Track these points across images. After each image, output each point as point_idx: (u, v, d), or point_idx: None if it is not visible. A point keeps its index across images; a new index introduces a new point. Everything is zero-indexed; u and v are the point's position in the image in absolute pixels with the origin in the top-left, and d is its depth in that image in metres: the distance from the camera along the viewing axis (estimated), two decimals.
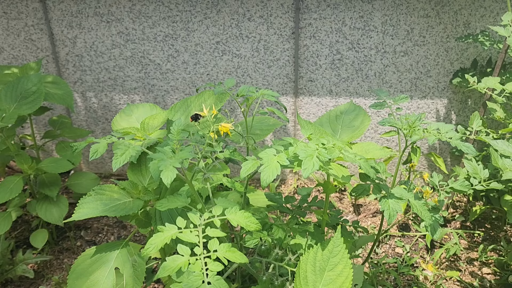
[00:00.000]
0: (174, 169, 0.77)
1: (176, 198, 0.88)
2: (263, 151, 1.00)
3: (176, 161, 0.79)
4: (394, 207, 1.16)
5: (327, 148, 0.96)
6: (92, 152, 0.84)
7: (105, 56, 2.39)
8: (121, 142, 0.86)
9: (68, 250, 2.08)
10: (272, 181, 0.94)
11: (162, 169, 0.77)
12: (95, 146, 0.85)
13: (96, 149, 0.85)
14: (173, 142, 0.88)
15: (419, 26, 2.13)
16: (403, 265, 1.91)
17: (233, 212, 0.83)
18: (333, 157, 0.93)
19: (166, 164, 0.78)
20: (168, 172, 0.76)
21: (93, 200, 1.16)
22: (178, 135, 0.89)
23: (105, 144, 0.86)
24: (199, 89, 1.19)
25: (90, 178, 2.02)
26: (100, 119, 2.56)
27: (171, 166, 0.77)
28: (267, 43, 2.25)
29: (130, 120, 1.50)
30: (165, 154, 0.82)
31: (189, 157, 0.82)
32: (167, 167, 0.77)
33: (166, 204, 0.87)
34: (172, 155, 0.84)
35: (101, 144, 0.85)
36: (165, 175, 0.76)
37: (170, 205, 0.87)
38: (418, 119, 1.21)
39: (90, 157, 0.85)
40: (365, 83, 2.28)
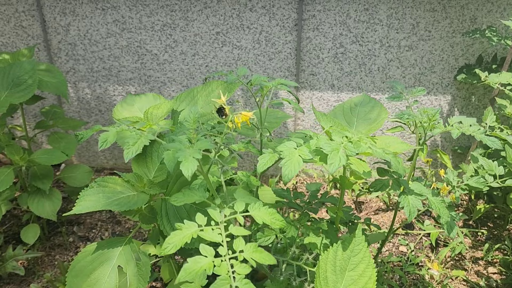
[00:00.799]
0: (194, 160, 0.70)
1: (192, 192, 0.81)
2: (282, 144, 0.94)
3: (197, 152, 0.72)
4: (414, 203, 1.11)
5: (352, 141, 0.90)
6: (102, 141, 0.77)
7: (100, 45, 2.29)
8: (133, 131, 0.79)
9: (60, 246, 1.99)
10: (294, 176, 0.88)
11: (181, 160, 0.70)
12: (105, 134, 0.78)
13: (105, 138, 0.77)
14: (189, 131, 0.81)
15: (425, 20, 2.09)
16: (408, 264, 1.87)
17: (256, 208, 0.77)
18: (361, 151, 0.88)
19: (186, 155, 0.71)
20: (189, 163, 0.69)
21: (95, 193, 1.08)
22: (195, 124, 0.82)
23: (115, 133, 0.78)
24: (208, 77, 1.12)
25: (84, 171, 1.94)
26: (93, 110, 2.47)
27: (191, 157, 0.70)
28: (268, 34, 2.18)
29: (132, 110, 1.42)
30: (182, 144, 0.76)
31: (209, 148, 0.76)
32: (187, 158, 0.70)
33: (182, 199, 0.80)
34: (190, 145, 0.77)
35: (111, 133, 0.78)
36: (186, 166, 0.69)
37: (187, 199, 0.80)
38: (437, 112, 1.16)
39: (99, 146, 0.77)
40: (368, 77, 2.23)
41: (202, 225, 0.72)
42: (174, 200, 0.80)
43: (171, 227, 1.08)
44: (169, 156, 0.78)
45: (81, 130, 2.51)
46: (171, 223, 1.09)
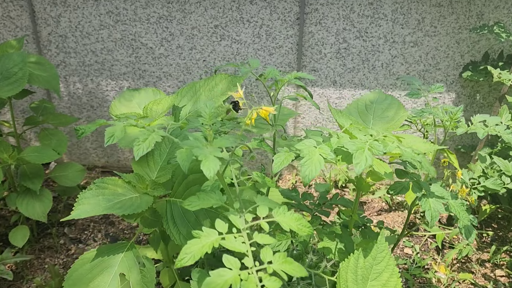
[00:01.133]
0: (216, 159, 0.62)
1: (208, 195, 0.73)
2: (301, 142, 0.86)
3: (217, 150, 0.64)
4: (436, 207, 1.04)
5: (378, 140, 0.83)
6: (108, 136, 0.69)
7: (92, 37, 2.19)
8: (142, 127, 0.70)
9: (50, 249, 1.89)
10: (314, 177, 0.81)
11: (201, 159, 0.62)
12: (111, 129, 0.69)
13: (112, 133, 0.69)
14: (205, 128, 0.73)
15: (431, 15, 2.03)
16: (414, 267, 1.81)
17: (281, 213, 0.69)
18: (388, 150, 0.80)
19: (205, 154, 0.63)
20: (209, 162, 0.62)
21: (94, 195, 0.99)
22: (211, 120, 0.74)
23: (123, 128, 0.70)
24: (217, 69, 1.04)
25: (76, 169, 1.84)
26: (85, 106, 2.36)
27: (212, 156, 0.62)
28: (269, 28, 2.11)
29: (131, 105, 1.33)
30: (199, 141, 0.68)
31: (229, 145, 0.68)
32: (207, 157, 0.62)
33: (197, 203, 0.72)
34: (206, 143, 0.69)
35: (118, 127, 0.70)
36: (207, 166, 0.61)
37: (202, 204, 0.72)
38: (459, 110, 1.10)
39: (105, 142, 0.69)
40: (371, 74, 2.17)
41: (223, 232, 0.64)
42: (188, 205, 0.72)
43: (177, 232, 1.00)
44: (182, 154, 0.70)
45: (72, 126, 2.40)
46: (178, 227, 1.01)
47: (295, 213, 0.69)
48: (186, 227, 1.01)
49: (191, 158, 0.70)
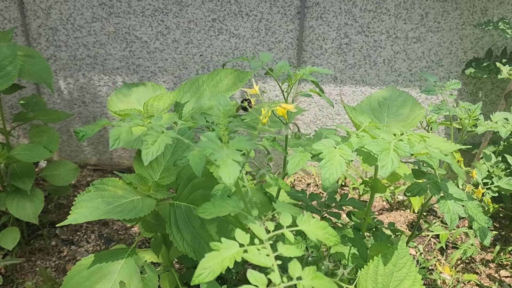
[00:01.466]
0: (235, 164, 0.56)
1: (225, 202, 0.67)
2: (319, 142, 0.80)
3: (235, 153, 0.58)
4: (455, 209, 0.99)
5: (403, 139, 0.77)
6: (113, 138, 0.62)
7: (84, 30, 2.10)
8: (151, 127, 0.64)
9: (41, 251, 1.81)
10: (336, 180, 0.75)
11: (219, 164, 0.56)
12: (116, 131, 0.62)
13: (117, 135, 0.62)
14: (219, 128, 0.67)
15: (434, 10, 1.98)
16: (418, 268, 1.77)
17: (306, 221, 0.63)
18: (415, 151, 0.75)
19: (223, 157, 0.57)
20: (229, 168, 0.55)
21: (93, 198, 0.92)
22: (226, 118, 0.67)
23: (129, 129, 0.63)
24: (226, 63, 0.98)
25: (69, 168, 1.76)
26: (76, 102, 2.27)
27: (231, 160, 0.56)
28: (269, 22, 2.04)
29: (129, 101, 1.26)
30: (214, 143, 0.61)
31: (248, 148, 0.61)
32: (226, 161, 0.56)
33: (212, 210, 0.65)
34: (222, 145, 0.63)
35: (123, 129, 0.63)
36: (226, 172, 0.55)
37: (218, 211, 0.65)
38: (478, 107, 1.05)
39: (110, 145, 0.62)
40: (372, 70, 2.12)
41: (244, 244, 0.58)
42: (202, 212, 0.66)
43: (181, 238, 0.94)
44: (195, 157, 0.63)
45: (64, 123, 2.32)
46: (182, 233, 0.94)
47: (320, 220, 0.63)
48: (191, 233, 0.95)
49: (204, 161, 0.64)
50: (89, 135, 0.68)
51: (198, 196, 0.96)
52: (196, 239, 0.94)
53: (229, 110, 0.68)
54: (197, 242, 0.94)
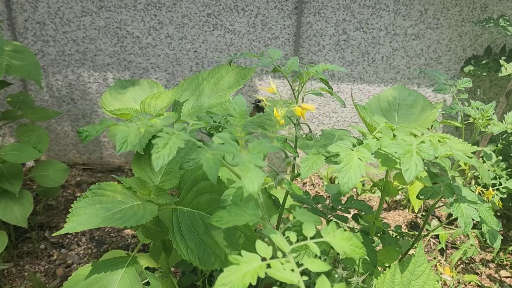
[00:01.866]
0: (259, 170, 0.51)
1: (241, 210, 0.62)
2: (335, 144, 0.76)
3: (257, 158, 0.53)
4: (469, 213, 0.96)
5: (425, 141, 0.73)
6: (120, 141, 0.56)
7: (73, 25, 2.02)
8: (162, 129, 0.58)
9: (30, 255, 1.74)
10: (355, 185, 0.70)
11: (241, 170, 0.51)
12: (123, 133, 0.56)
13: (125, 138, 0.56)
14: (235, 129, 0.61)
15: (434, 7, 1.95)
16: None
17: (331, 231, 0.58)
18: (439, 154, 0.71)
19: (245, 163, 0.51)
20: (252, 174, 0.50)
21: (91, 204, 0.86)
22: (243, 119, 0.62)
23: (137, 131, 0.58)
24: (232, 60, 0.92)
25: (59, 168, 1.68)
26: (65, 99, 2.19)
27: (253, 166, 0.51)
28: (265, 18, 1.99)
29: (124, 99, 1.20)
30: (233, 146, 0.56)
31: (270, 151, 0.56)
32: (248, 167, 0.51)
33: (228, 219, 0.60)
34: (238, 146, 0.57)
35: (132, 130, 0.57)
36: (249, 178, 0.50)
37: (235, 220, 0.60)
38: (491, 107, 1.01)
39: (118, 149, 0.56)
40: (371, 67, 2.08)
41: (266, 257, 0.53)
42: (217, 221, 0.60)
43: (185, 245, 0.88)
44: (209, 162, 0.58)
45: (52, 121, 2.23)
46: (185, 240, 0.89)
47: (344, 231, 0.58)
48: (195, 239, 0.90)
49: (220, 165, 0.59)
50: (93, 136, 0.62)
51: (203, 201, 0.91)
52: (201, 246, 0.89)
53: (246, 110, 0.62)
54: (202, 249, 0.88)
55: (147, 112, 1.13)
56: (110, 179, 2.25)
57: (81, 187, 2.19)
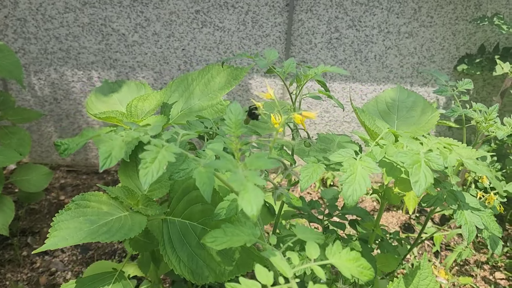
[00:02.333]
0: (258, 190, 0.45)
1: (238, 229, 0.56)
2: (336, 153, 0.71)
3: (255, 175, 0.48)
4: (472, 221, 0.92)
5: (432, 149, 0.68)
6: (104, 156, 0.50)
7: (56, 21, 1.94)
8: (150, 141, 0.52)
9: (12, 262, 1.66)
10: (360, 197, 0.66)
11: (241, 190, 0.45)
12: (107, 146, 0.50)
13: (109, 152, 0.50)
14: (231, 141, 0.56)
15: (428, 4, 1.91)
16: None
17: (336, 252, 0.53)
18: (449, 164, 0.66)
19: (242, 180, 0.46)
20: (250, 195, 0.45)
21: (74, 217, 0.80)
22: (238, 129, 0.57)
23: (122, 144, 0.52)
24: (224, 62, 0.87)
25: (42, 172, 1.61)
26: (47, 98, 2.11)
27: (252, 185, 0.46)
28: (256, 15, 1.93)
29: (110, 101, 1.13)
30: (228, 161, 0.50)
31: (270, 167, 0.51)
32: (246, 186, 0.45)
33: (223, 239, 0.55)
34: (234, 161, 0.52)
35: (116, 143, 0.51)
36: (247, 200, 0.44)
37: (232, 241, 0.54)
38: (495, 109, 0.97)
39: (101, 165, 0.50)
40: (363, 66, 2.04)
41: (267, 285, 0.47)
42: (212, 241, 0.55)
43: (177, 258, 0.83)
44: (202, 177, 0.53)
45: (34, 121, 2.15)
46: (177, 253, 0.83)
47: (351, 251, 0.54)
48: (187, 251, 0.84)
49: (214, 180, 0.54)
50: (73, 149, 0.56)
51: (195, 211, 0.85)
52: (193, 259, 0.83)
53: (242, 119, 0.57)
54: (195, 262, 0.83)
55: (134, 115, 1.07)
56: (95, 181, 2.19)
57: (65, 190, 2.11)
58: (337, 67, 0.80)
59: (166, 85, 2.08)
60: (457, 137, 2.22)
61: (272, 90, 0.67)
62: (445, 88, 1.02)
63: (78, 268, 1.66)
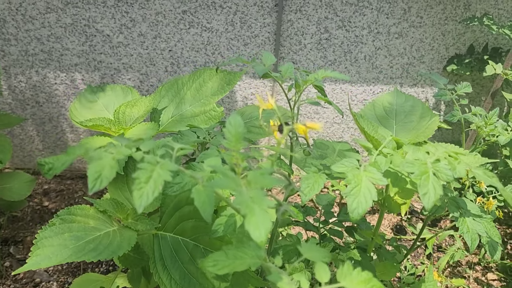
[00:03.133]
0: (265, 214, 0.42)
1: (241, 251, 0.52)
2: (339, 163, 0.67)
3: (261, 195, 0.44)
4: (474, 228, 0.90)
5: (440, 159, 0.65)
6: (93, 177, 0.45)
7: (37, 22, 1.87)
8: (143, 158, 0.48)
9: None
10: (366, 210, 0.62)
11: (247, 213, 0.41)
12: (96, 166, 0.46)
13: (99, 172, 0.46)
14: (231, 156, 0.52)
15: (417, 5, 1.90)
16: (406, 274, 1.69)
17: (347, 273, 0.50)
18: (458, 174, 0.63)
19: (247, 202, 0.42)
20: (258, 218, 0.41)
21: (58, 233, 0.75)
22: (239, 143, 0.53)
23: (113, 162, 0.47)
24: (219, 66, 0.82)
25: (24, 180, 1.55)
26: (29, 102, 2.04)
27: (258, 208, 0.42)
28: (244, 15, 1.89)
29: (95, 107, 1.08)
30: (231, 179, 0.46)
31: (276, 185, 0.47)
32: (252, 209, 0.41)
33: (225, 263, 0.51)
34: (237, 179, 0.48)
35: (106, 162, 0.47)
36: (254, 224, 0.40)
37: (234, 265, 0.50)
38: (495, 113, 0.95)
39: (90, 188, 0.46)
40: (353, 67, 2.02)
41: None
42: (213, 266, 0.51)
43: (168, 277, 0.79)
44: (201, 195, 0.49)
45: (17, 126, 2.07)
46: (169, 270, 0.79)
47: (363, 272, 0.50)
48: (179, 269, 0.80)
49: (213, 200, 0.50)
50: (58, 169, 0.51)
51: (187, 227, 0.81)
52: (185, 277, 0.79)
53: (242, 132, 0.53)
54: (187, 280, 0.79)
55: (122, 121, 1.02)
56: (80, 186, 2.12)
57: (49, 195, 2.04)
58: (337, 73, 0.77)
59: (152, 87, 2.03)
60: (446, 137, 2.22)
61: (274, 99, 0.63)
62: (444, 92, 1.00)
63: (63, 278, 1.60)
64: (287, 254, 0.88)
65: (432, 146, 0.69)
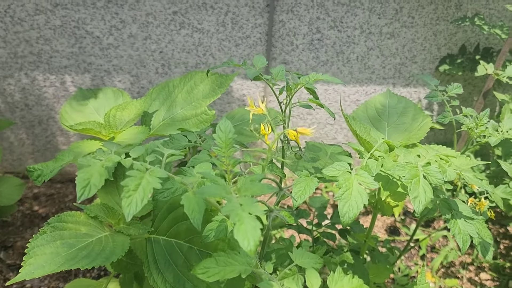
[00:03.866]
0: (256, 222, 0.41)
1: (232, 258, 0.52)
2: (331, 166, 0.67)
3: (252, 203, 0.43)
4: (466, 230, 0.89)
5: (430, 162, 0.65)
6: (82, 185, 0.44)
7: (26, 24, 1.85)
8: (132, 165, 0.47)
9: None
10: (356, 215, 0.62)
11: (236, 222, 0.41)
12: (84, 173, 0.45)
13: (87, 180, 0.45)
14: (221, 162, 0.51)
15: (409, 5, 1.90)
16: (400, 275, 1.69)
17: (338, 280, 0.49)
18: (448, 178, 0.63)
19: (237, 210, 0.41)
20: (247, 227, 0.40)
21: (50, 241, 0.74)
22: (229, 149, 0.52)
23: (102, 170, 0.46)
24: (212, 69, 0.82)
25: (13, 184, 1.53)
26: (18, 105, 2.01)
27: (248, 216, 0.41)
28: (236, 16, 1.88)
29: (86, 111, 1.07)
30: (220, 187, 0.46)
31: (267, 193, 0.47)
32: (242, 217, 0.41)
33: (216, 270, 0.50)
34: (227, 186, 0.47)
35: (95, 169, 0.46)
36: (243, 233, 0.40)
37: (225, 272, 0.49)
38: (486, 114, 0.95)
39: (78, 196, 0.45)
40: (345, 67, 2.02)
41: None
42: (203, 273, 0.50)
43: (163, 280, 0.78)
44: (191, 202, 0.48)
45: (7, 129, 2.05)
46: (163, 274, 0.78)
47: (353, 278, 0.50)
48: (173, 272, 0.79)
49: (204, 207, 0.49)
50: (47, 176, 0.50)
51: (181, 229, 0.80)
52: (180, 280, 0.78)
53: (232, 137, 0.52)
54: (182, 283, 0.78)
55: (112, 125, 1.01)
56: (70, 190, 2.10)
57: (39, 200, 2.02)
58: (330, 76, 0.76)
59: (143, 89, 2.01)
60: (439, 137, 2.23)
61: (264, 104, 0.62)
62: (435, 93, 1.00)
63: (55, 283, 1.59)
64: (279, 258, 0.88)
65: (424, 149, 0.68)
